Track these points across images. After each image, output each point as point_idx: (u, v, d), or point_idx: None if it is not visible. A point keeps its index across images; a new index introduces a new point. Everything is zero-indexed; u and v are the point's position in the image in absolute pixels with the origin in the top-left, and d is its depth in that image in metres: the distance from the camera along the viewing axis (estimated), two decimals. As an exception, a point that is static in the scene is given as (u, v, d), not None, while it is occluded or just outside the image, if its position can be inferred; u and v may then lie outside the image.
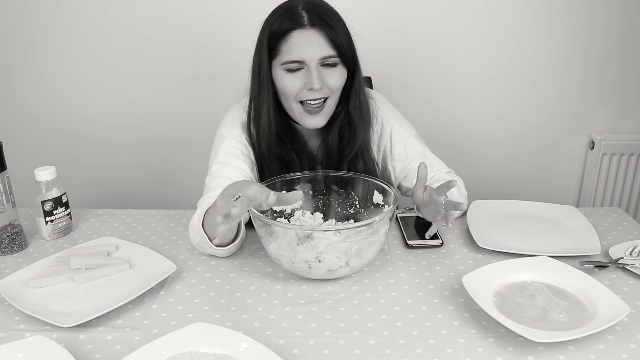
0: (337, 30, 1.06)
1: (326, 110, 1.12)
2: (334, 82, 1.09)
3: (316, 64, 1.06)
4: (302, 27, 1.04)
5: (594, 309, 0.83)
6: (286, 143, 1.17)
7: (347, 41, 1.08)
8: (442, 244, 1.09)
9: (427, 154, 1.26)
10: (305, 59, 1.05)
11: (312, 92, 1.07)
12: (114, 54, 1.91)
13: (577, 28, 1.88)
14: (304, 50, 1.05)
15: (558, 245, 1.07)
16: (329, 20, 1.05)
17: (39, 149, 2.04)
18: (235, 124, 1.19)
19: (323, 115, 1.12)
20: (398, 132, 1.24)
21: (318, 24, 1.04)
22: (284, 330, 0.84)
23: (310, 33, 1.04)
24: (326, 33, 1.05)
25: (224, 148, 1.16)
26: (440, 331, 0.83)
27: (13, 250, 1.09)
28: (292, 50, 1.05)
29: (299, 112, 1.11)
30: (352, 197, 1.12)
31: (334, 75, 1.08)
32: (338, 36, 1.06)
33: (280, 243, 0.95)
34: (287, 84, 1.08)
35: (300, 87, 1.08)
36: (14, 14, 1.86)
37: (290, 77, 1.07)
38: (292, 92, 1.08)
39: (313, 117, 1.11)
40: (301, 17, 1.04)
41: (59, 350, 0.75)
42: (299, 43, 1.05)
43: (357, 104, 1.15)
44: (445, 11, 1.85)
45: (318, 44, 1.05)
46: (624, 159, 2.01)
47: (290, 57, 1.06)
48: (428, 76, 1.94)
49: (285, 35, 1.05)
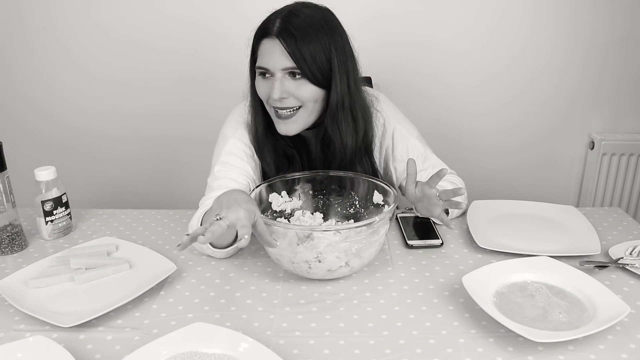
0: (304, 43, 1.03)
1: (297, 119, 1.10)
2: (300, 94, 1.07)
3: (281, 73, 1.06)
4: (270, 36, 1.05)
5: (594, 309, 0.83)
6: (287, 140, 1.18)
7: (314, 56, 1.04)
8: (442, 244, 1.09)
9: (429, 155, 1.26)
10: (269, 66, 1.06)
11: (278, 101, 1.08)
12: (114, 54, 1.91)
13: (577, 28, 1.88)
14: (268, 58, 1.06)
15: (558, 245, 1.07)
16: (298, 32, 1.03)
17: (39, 149, 2.04)
18: (239, 124, 1.20)
19: (294, 123, 1.11)
20: (400, 132, 1.24)
21: (284, 35, 1.04)
22: (284, 330, 0.84)
23: (274, 43, 1.05)
24: (289, 45, 1.03)
25: (227, 148, 1.16)
26: (440, 331, 0.83)
27: (13, 250, 1.09)
28: (261, 57, 1.07)
29: (273, 116, 1.12)
30: (352, 197, 1.12)
31: (300, 87, 1.07)
32: (301, 50, 1.03)
33: (280, 243, 0.95)
34: (258, 88, 1.11)
35: (268, 93, 1.08)
36: (13, 13, 1.86)
37: (261, 82, 1.10)
38: (263, 96, 1.11)
39: (284, 123, 1.11)
40: (273, 25, 1.05)
41: (59, 350, 0.75)
42: (266, 50, 1.06)
43: (330, 120, 1.12)
44: (445, 11, 1.85)
45: (280, 54, 1.04)
46: (624, 159, 2.01)
47: (259, 62, 1.08)
48: (428, 76, 1.94)
49: (259, 41, 1.08)
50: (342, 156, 1.15)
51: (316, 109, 1.11)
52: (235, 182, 1.12)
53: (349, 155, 1.15)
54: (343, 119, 1.12)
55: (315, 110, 1.12)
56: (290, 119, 1.10)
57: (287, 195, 1.10)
